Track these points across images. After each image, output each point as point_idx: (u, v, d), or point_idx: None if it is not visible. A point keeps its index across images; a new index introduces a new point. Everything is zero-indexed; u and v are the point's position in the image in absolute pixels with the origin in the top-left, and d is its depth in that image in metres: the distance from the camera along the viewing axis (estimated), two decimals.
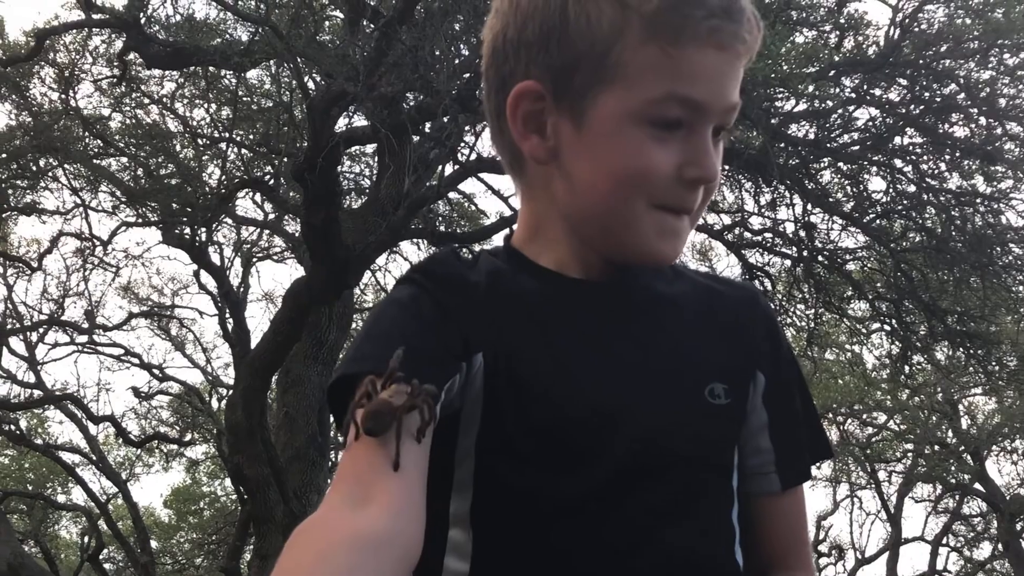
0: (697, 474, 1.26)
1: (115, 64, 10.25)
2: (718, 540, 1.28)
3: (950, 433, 19.76)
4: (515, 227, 1.38)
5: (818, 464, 1.48)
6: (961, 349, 10.37)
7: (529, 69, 1.25)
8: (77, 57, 10.91)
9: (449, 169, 10.27)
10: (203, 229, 10.71)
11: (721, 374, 1.30)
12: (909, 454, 20.92)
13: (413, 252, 13.48)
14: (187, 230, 10.64)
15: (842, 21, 8.63)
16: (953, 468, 20.59)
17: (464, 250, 1.46)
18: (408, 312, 1.24)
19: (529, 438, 1.21)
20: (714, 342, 1.33)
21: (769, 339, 1.38)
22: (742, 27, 1.20)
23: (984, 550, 23.36)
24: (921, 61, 8.62)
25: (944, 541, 22.58)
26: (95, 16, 9.56)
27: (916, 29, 8.63)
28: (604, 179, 1.23)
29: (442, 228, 11.72)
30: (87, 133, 10.99)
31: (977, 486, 20.53)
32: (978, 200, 9.36)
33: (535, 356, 1.24)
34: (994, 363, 10.51)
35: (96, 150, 11.34)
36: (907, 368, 11.63)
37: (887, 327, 10.91)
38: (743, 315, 1.37)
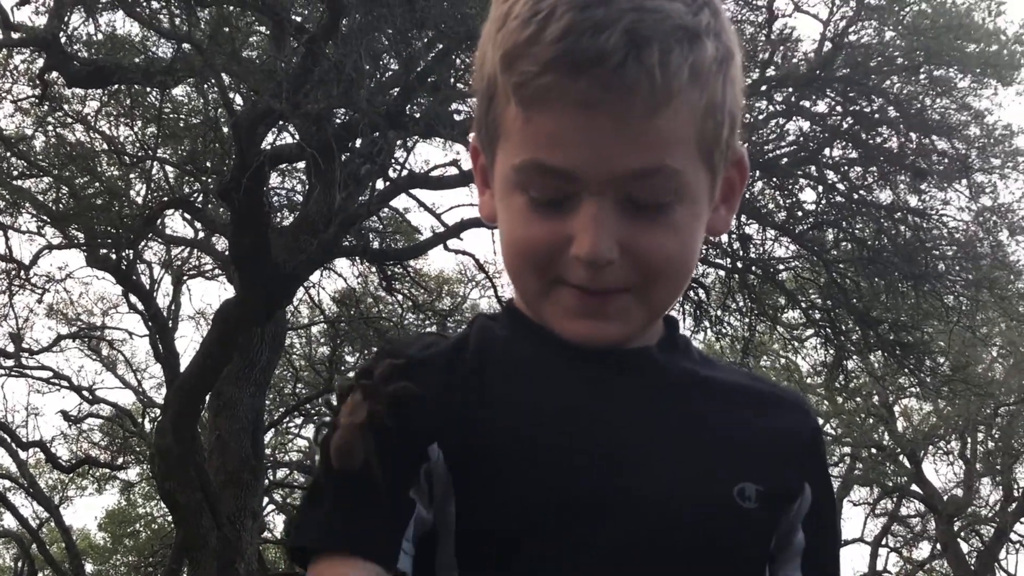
0: None
1: (36, 84, 10.00)
2: None
3: (887, 436, 19.97)
4: None
5: None
6: (893, 358, 10.45)
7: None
8: None
9: (380, 185, 10.15)
10: (129, 251, 10.46)
11: (757, 476, 1.10)
12: (847, 458, 21.12)
13: (347, 268, 13.34)
14: (112, 252, 10.40)
15: (772, 36, 8.66)
16: (890, 471, 20.85)
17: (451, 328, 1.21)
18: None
19: (507, 532, 1.02)
20: (751, 439, 1.13)
21: (815, 454, 1.20)
22: (598, 79, 0.96)
23: (923, 550, 23.71)
24: (853, 76, 8.67)
25: (884, 542, 22.86)
26: (14, 35, 9.34)
27: (847, 44, 8.69)
28: (505, 248, 1.11)
29: (376, 244, 11.59)
30: (8, 153, 10.71)
31: (914, 488, 20.80)
32: (908, 213, 9.44)
33: (515, 430, 1.05)
34: (926, 371, 10.55)
35: (19, 171, 11.07)
36: (842, 375, 11.71)
37: (821, 335, 10.98)
38: (789, 420, 1.18)
